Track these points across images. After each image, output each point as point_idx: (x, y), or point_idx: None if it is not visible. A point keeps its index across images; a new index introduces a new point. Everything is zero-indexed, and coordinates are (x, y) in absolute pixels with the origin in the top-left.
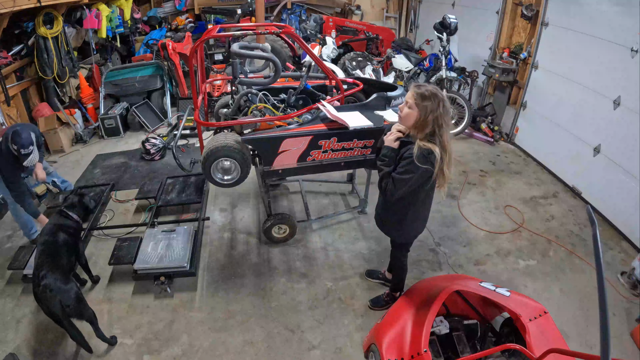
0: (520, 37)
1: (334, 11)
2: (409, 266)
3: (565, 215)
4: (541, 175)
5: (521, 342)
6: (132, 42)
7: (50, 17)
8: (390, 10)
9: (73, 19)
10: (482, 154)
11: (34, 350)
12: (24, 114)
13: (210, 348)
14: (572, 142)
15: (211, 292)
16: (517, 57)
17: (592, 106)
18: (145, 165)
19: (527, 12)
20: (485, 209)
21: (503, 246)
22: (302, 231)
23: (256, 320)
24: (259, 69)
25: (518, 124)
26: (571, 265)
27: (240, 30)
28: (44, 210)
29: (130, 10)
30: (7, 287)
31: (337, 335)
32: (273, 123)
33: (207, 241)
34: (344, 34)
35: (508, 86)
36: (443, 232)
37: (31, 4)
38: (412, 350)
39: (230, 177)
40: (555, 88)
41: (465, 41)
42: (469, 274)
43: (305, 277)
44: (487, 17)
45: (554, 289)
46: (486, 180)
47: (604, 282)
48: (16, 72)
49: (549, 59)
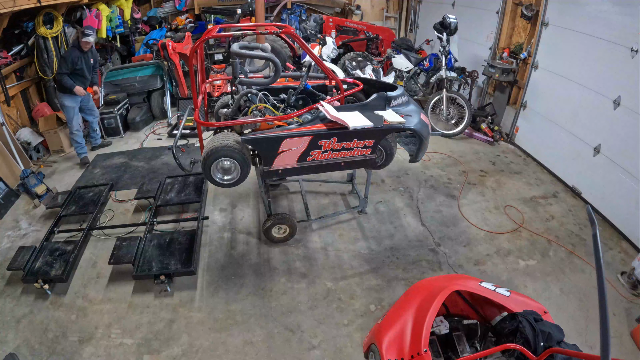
0: (520, 37)
1: (334, 11)
2: (408, 266)
3: (565, 215)
4: (541, 175)
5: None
6: (132, 42)
7: (50, 17)
8: (390, 10)
9: (73, 19)
10: (482, 154)
11: (34, 350)
12: (24, 113)
13: (210, 348)
14: (572, 142)
15: (211, 292)
16: (517, 57)
17: (592, 106)
18: (145, 165)
19: (527, 12)
20: (485, 209)
21: (503, 246)
22: (302, 231)
23: (256, 320)
24: (259, 69)
25: (518, 124)
26: (571, 265)
27: (240, 30)
28: (43, 210)
29: (130, 10)
30: (7, 288)
31: (337, 335)
32: (273, 123)
33: (207, 241)
34: (344, 34)
35: (508, 86)
36: (443, 232)
37: (31, 4)
38: (412, 350)
39: (230, 177)
40: (555, 88)
41: (465, 41)
42: (469, 274)
43: (305, 277)
44: (487, 17)
45: (553, 289)
46: (486, 180)
47: (604, 282)
48: (16, 72)
49: (549, 59)
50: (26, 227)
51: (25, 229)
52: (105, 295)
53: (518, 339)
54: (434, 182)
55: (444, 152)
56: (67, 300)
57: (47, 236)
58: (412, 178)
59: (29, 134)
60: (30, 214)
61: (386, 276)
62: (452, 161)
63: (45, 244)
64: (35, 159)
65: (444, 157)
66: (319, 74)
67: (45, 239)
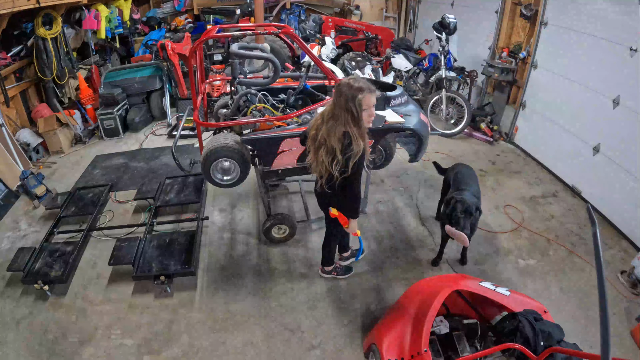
0: (520, 36)
1: (333, 11)
2: (408, 266)
3: (565, 214)
4: (541, 174)
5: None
6: (131, 43)
7: (49, 18)
8: (389, 10)
9: (72, 19)
10: (482, 154)
11: (34, 351)
12: (24, 114)
13: (211, 348)
14: (571, 141)
15: (211, 292)
16: (516, 56)
17: (591, 105)
18: (144, 166)
19: (526, 11)
20: (484, 208)
21: (503, 246)
22: (302, 231)
23: (256, 320)
24: (258, 69)
25: (517, 124)
26: (571, 265)
27: (239, 30)
28: (42, 211)
29: (129, 10)
30: (7, 289)
31: (337, 335)
32: (272, 123)
33: (207, 242)
34: (343, 34)
35: (507, 86)
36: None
37: (30, 4)
38: (413, 350)
39: (229, 177)
40: (555, 87)
41: (464, 41)
42: (469, 274)
43: (305, 277)
44: (486, 16)
45: (553, 289)
46: (486, 180)
47: (604, 281)
48: (15, 73)
49: (548, 59)
50: (26, 228)
51: (25, 230)
52: (106, 296)
53: (518, 338)
54: (434, 182)
55: (443, 151)
56: (67, 301)
57: (47, 237)
58: (411, 178)
59: (29, 135)
60: (29, 215)
61: (386, 276)
62: (452, 161)
63: (44, 245)
64: (34, 160)
65: (443, 157)
66: (318, 74)
67: (44, 240)
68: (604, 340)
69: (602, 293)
